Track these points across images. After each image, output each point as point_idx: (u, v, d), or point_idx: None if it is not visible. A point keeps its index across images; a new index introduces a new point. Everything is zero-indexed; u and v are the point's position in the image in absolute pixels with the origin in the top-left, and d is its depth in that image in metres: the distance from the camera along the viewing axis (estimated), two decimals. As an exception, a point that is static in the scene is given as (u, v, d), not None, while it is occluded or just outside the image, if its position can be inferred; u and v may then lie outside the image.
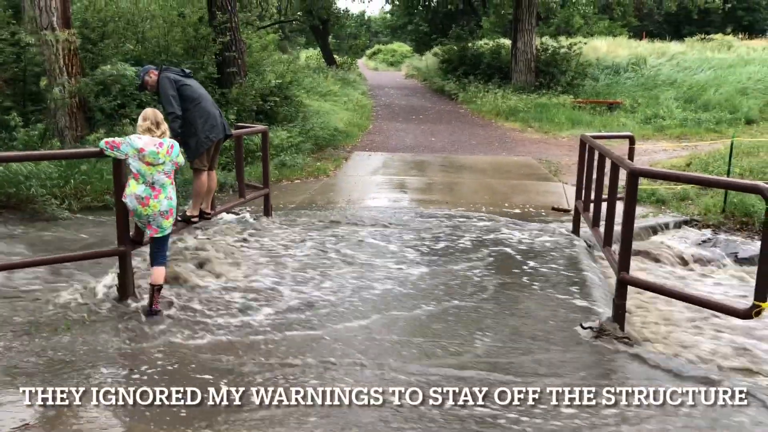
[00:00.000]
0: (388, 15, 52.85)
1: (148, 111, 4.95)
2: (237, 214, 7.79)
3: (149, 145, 4.78)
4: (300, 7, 25.89)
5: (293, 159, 11.22)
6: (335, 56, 28.53)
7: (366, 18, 65.88)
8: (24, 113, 10.06)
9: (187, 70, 6.03)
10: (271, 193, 7.91)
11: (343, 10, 28.16)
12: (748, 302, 4.00)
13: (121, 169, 4.94)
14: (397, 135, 16.03)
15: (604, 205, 6.11)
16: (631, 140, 7.73)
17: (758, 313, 3.81)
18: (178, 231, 6.01)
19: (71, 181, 8.85)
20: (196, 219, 6.05)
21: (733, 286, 6.21)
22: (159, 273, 4.90)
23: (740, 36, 31.14)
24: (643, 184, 9.12)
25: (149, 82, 5.89)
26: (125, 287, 5.00)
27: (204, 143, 5.81)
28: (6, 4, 11.50)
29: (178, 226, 5.85)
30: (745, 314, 3.88)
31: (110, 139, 4.89)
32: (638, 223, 7.11)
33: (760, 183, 3.91)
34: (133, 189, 4.81)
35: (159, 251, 4.99)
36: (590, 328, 4.57)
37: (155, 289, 4.84)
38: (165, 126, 4.98)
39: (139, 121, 4.88)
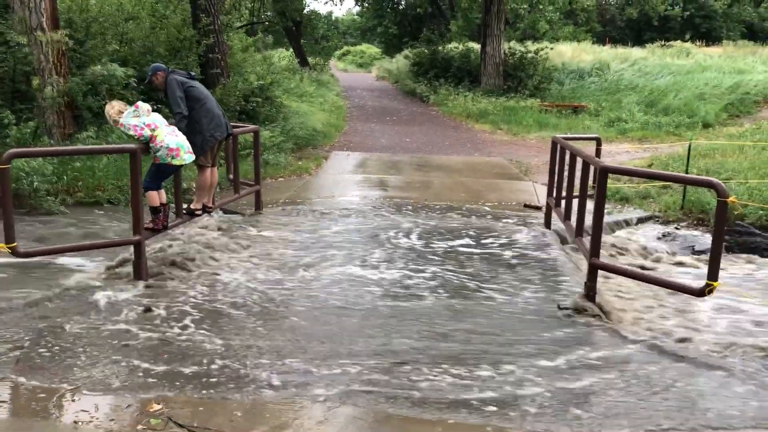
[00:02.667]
0: (357, 17, 53.42)
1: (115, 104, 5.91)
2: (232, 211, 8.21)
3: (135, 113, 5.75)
4: (273, 8, 26.22)
5: (276, 158, 11.65)
6: (308, 57, 28.91)
7: (334, 19, 66.18)
8: (13, 111, 10.30)
9: (192, 73, 6.46)
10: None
11: (310, 11, 28.47)
12: (702, 283, 4.60)
13: (137, 164, 5.36)
14: (373, 136, 16.53)
15: (573, 202, 6.73)
16: (598, 142, 8.37)
17: (711, 291, 4.41)
18: (184, 223, 6.43)
19: (64, 177, 9.17)
20: (199, 212, 6.48)
21: (689, 273, 6.84)
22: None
23: (698, 43, 32.38)
24: (608, 183, 9.77)
25: (155, 81, 6.30)
26: (139, 270, 5.41)
27: (209, 141, 6.25)
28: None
29: (184, 219, 6.29)
30: (700, 292, 4.48)
31: (134, 131, 5.59)
32: (604, 219, 7.72)
33: (713, 178, 4.51)
34: (162, 136, 5.69)
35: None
36: (566, 308, 5.13)
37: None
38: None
39: (124, 112, 5.86)
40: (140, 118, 5.69)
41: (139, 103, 5.83)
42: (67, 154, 8.20)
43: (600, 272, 5.26)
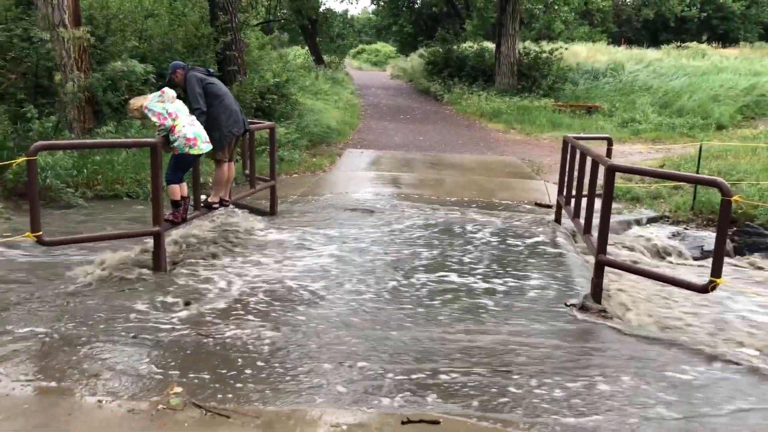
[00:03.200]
0: (373, 16, 53.56)
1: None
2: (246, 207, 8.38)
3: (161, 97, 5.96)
4: (289, 6, 26.43)
5: (291, 154, 11.83)
6: (323, 56, 29.10)
7: (349, 17, 66.38)
8: (35, 106, 10.54)
9: (211, 70, 6.63)
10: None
11: (326, 9, 28.63)
12: (705, 280, 4.71)
13: (158, 157, 5.54)
14: (386, 133, 16.68)
15: (583, 200, 6.84)
16: (609, 142, 8.47)
17: (714, 288, 4.52)
18: (201, 216, 6.61)
19: (84, 171, 9.39)
20: (216, 206, 6.65)
21: (695, 271, 6.94)
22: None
23: (714, 44, 32.24)
24: (619, 182, 9.86)
25: (175, 79, 6.48)
26: (159, 261, 5.59)
27: (227, 136, 6.42)
28: (15, 1, 11.94)
29: (201, 212, 6.46)
30: (703, 289, 4.59)
31: (157, 118, 5.87)
32: (614, 218, 7.83)
33: (718, 178, 4.62)
34: (180, 126, 5.93)
35: None
36: (573, 305, 5.25)
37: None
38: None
39: (149, 96, 6.12)
40: (164, 104, 5.86)
41: (166, 89, 6.00)
42: (91, 147, 8.41)
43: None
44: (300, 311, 5.04)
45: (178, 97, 6.18)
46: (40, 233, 4.99)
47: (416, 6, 40.19)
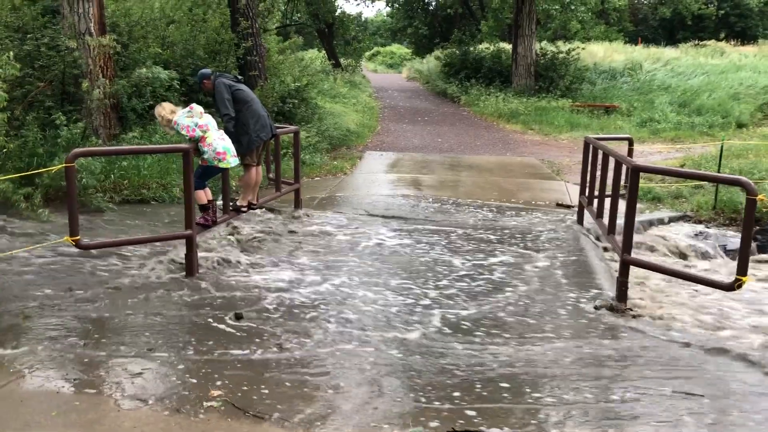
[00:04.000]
0: (387, 18, 53.67)
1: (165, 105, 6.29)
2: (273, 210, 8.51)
3: (189, 113, 6.08)
4: (306, 11, 26.65)
5: (312, 158, 11.97)
6: (340, 59, 29.29)
7: (363, 20, 66.53)
8: (63, 113, 10.76)
9: (239, 76, 6.78)
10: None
11: (341, 13, 28.77)
12: (731, 278, 4.76)
13: (190, 163, 5.68)
14: (405, 136, 16.79)
15: (605, 201, 6.91)
16: (630, 142, 8.52)
17: (740, 286, 4.57)
18: (230, 219, 6.76)
19: (111, 176, 9.58)
20: (245, 209, 6.80)
21: (719, 271, 6.97)
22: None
23: (733, 42, 32.02)
24: (640, 182, 9.88)
25: (204, 88, 6.64)
26: (191, 264, 5.73)
27: (255, 141, 6.56)
28: (42, 10, 12.19)
29: (231, 215, 6.61)
30: (729, 287, 4.64)
31: (186, 131, 5.94)
32: (636, 218, 7.86)
33: (742, 177, 4.67)
34: (211, 139, 6.12)
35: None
36: (602, 306, 5.30)
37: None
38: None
39: (179, 111, 6.22)
40: (193, 119, 6.02)
41: (194, 105, 6.15)
42: (127, 153, 8.61)
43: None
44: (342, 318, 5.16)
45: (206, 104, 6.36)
46: (78, 237, 5.14)
47: (431, 8, 40.27)
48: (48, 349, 4.30)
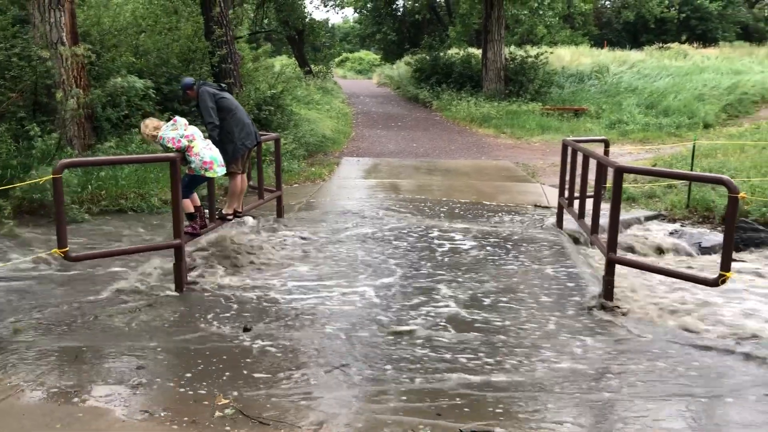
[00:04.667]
0: (356, 24, 53.78)
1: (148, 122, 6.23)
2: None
3: (173, 126, 6.09)
4: (276, 18, 26.60)
5: (290, 164, 11.96)
6: (311, 65, 29.27)
7: (331, 26, 66.59)
8: (37, 123, 10.59)
9: (223, 85, 6.77)
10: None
11: (311, 19, 28.74)
12: (715, 274, 4.91)
13: (177, 172, 5.66)
14: (380, 141, 16.86)
15: (587, 201, 7.05)
16: (606, 143, 8.71)
17: (724, 281, 4.72)
18: (218, 227, 6.75)
19: (89, 186, 9.46)
20: (230, 217, 6.78)
21: (698, 267, 7.16)
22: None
23: (695, 45, 32.80)
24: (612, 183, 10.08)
25: (188, 96, 6.62)
26: (180, 274, 5.70)
27: (240, 149, 6.56)
28: (11, 20, 11.99)
29: (216, 223, 6.60)
30: (714, 282, 4.79)
31: (172, 143, 5.91)
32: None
33: (724, 176, 4.83)
34: (198, 149, 6.11)
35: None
36: (593, 307, 5.41)
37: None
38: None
39: (162, 126, 6.18)
40: (178, 131, 6.00)
41: (177, 117, 6.13)
42: (114, 163, 8.52)
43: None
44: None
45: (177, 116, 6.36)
46: (67, 249, 5.09)
47: (399, 14, 40.49)
48: (45, 363, 4.26)
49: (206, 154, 6.08)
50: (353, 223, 8.31)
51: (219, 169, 6.22)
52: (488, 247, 7.26)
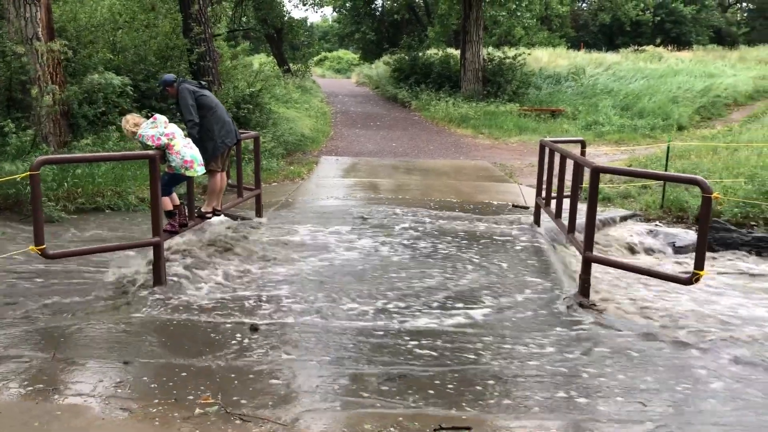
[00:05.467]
0: (334, 23, 53.71)
1: (129, 118, 6.19)
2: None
3: (153, 124, 6.06)
4: (255, 16, 26.47)
5: (269, 163, 11.94)
6: (290, 64, 29.15)
7: (309, 25, 66.37)
8: (12, 120, 10.45)
9: (203, 82, 6.75)
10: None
11: (289, 18, 28.61)
12: (689, 273, 5.01)
13: (156, 169, 5.63)
14: (359, 140, 16.88)
15: (563, 201, 7.14)
16: (583, 144, 8.81)
17: (697, 279, 4.82)
18: (197, 226, 6.72)
19: (65, 184, 9.35)
20: (209, 215, 6.76)
21: (671, 265, 7.29)
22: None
23: (669, 47, 33.28)
24: (587, 184, 10.22)
25: (168, 93, 6.59)
26: (159, 271, 5.68)
27: (220, 147, 6.55)
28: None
29: (195, 222, 6.57)
30: (687, 281, 4.89)
31: (152, 141, 5.87)
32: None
33: (698, 176, 4.92)
34: (179, 147, 6.09)
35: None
36: (570, 306, 5.49)
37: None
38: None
39: (142, 124, 6.14)
40: (158, 129, 5.97)
41: (157, 115, 6.11)
42: (93, 161, 8.46)
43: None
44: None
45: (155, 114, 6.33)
46: (44, 246, 5.04)
47: (378, 14, 40.52)
48: (22, 360, 4.22)
49: (187, 152, 6.07)
50: (332, 220, 8.33)
51: (199, 168, 6.21)
52: (465, 246, 7.32)
